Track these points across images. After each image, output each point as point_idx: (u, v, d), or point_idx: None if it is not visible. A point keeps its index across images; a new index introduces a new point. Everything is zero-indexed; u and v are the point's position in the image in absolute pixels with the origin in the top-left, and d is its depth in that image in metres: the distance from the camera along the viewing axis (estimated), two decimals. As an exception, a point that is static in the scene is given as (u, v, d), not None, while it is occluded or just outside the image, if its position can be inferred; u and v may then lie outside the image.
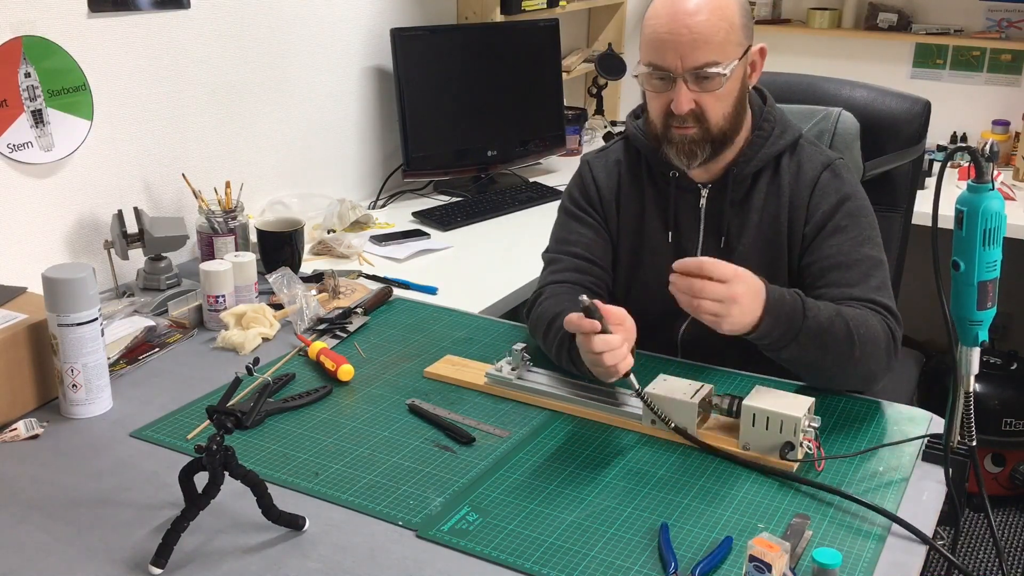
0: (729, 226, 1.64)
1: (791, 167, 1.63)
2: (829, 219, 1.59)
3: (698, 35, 1.50)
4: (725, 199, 1.63)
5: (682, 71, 1.51)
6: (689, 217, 1.67)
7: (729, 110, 1.56)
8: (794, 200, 1.62)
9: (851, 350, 1.44)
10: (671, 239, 1.68)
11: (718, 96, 1.54)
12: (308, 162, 2.48)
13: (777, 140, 1.63)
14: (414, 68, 2.59)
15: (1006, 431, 2.81)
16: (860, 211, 1.60)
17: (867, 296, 1.52)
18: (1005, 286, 1.27)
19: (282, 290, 1.81)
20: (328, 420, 1.45)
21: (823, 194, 1.60)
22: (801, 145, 1.65)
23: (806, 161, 1.63)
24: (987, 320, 1.21)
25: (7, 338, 1.43)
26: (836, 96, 1.89)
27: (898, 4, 3.36)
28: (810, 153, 1.64)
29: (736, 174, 1.63)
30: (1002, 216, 1.17)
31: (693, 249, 1.67)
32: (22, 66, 1.77)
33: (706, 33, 1.50)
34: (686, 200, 1.67)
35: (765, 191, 1.63)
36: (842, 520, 1.22)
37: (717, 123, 1.55)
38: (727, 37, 1.52)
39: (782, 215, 1.62)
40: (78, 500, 1.25)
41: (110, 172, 1.99)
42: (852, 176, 1.64)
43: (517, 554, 1.15)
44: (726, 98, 1.55)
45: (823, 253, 1.58)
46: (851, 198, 1.60)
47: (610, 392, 1.49)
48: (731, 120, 1.57)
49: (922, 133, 1.86)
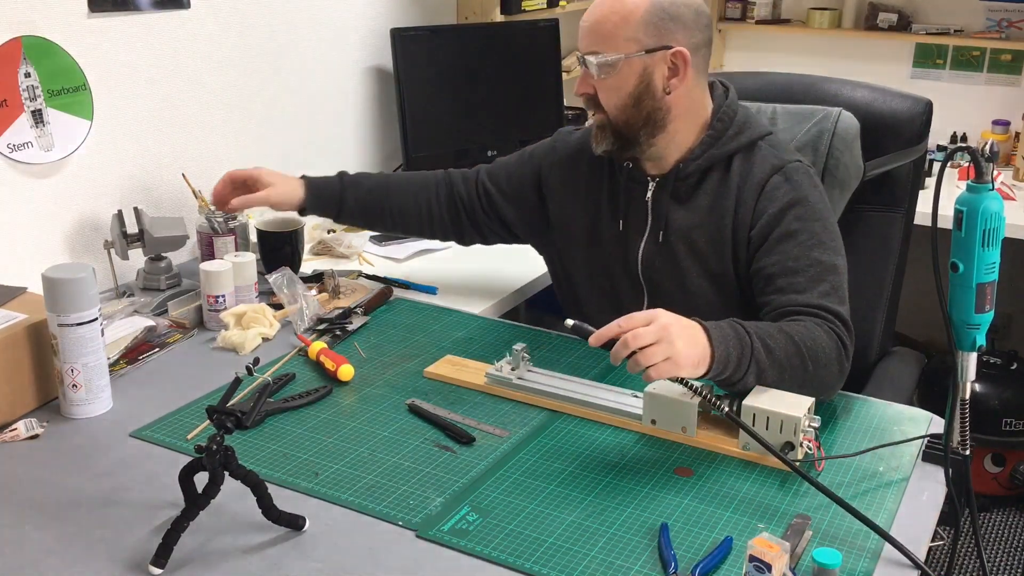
0: (669, 221, 1.65)
1: (742, 168, 1.62)
2: (777, 224, 1.56)
3: (591, 23, 1.58)
4: (667, 192, 1.65)
5: (581, 56, 1.60)
6: (637, 208, 1.68)
7: (622, 103, 1.59)
8: (740, 202, 1.60)
9: (803, 363, 1.40)
10: (621, 228, 1.70)
11: (607, 86, 1.58)
12: (308, 162, 2.48)
13: (730, 140, 1.62)
14: (414, 68, 2.59)
15: (1006, 431, 2.81)
16: (811, 215, 1.57)
17: (814, 303, 1.48)
18: (1004, 286, 1.27)
19: (282, 290, 1.81)
20: (328, 420, 1.46)
21: (770, 198, 1.58)
22: (759, 147, 1.63)
23: (758, 163, 1.61)
24: (985, 324, 1.20)
25: (7, 338, 1.43)
26: (836, 96, 1.89)
27: (898, 4, 3.36)
28: (765, 155, 1.62)
29: (682, 170, 1.63)
30: (1001, 217, 1.17)
31: (638, 242, 1.69)
32: (22, 66, 1.78)
33: (596, 23, 1.57)
34: (635, 191, 1.68)
35: (713, 191, 1.63)
36: (842, 520, 1.22)
37: (612, 113, 1.60)
38: (615, 30, 1.55)
39: (727, 216, 1.61)
40: (78, 500, 1.25)
41: (110, 172, 1.99)
42: (808, 180, 1.61)
43: (517, 554, 1.15)
44: (618, 91, 1.58)
45: (771, 259, 1.55)
46: (801, 202, 1.57)
47: (610, 392, 1.49)
48: (627, 114, 1.59)
49: (923, 133, 1.86)
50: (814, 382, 1.42)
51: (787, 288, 1.52)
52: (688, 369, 1.30)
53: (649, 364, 1.27)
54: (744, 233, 1.60)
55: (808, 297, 1.49)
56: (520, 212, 1.83)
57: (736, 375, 1.36)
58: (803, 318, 1.46)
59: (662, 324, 1.29)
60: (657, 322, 1.30)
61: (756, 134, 1.64)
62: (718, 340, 1.34)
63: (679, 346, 1.29)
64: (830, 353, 1.43)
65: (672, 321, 1.31)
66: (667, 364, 1.28)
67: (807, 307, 1.48)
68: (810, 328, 1.44)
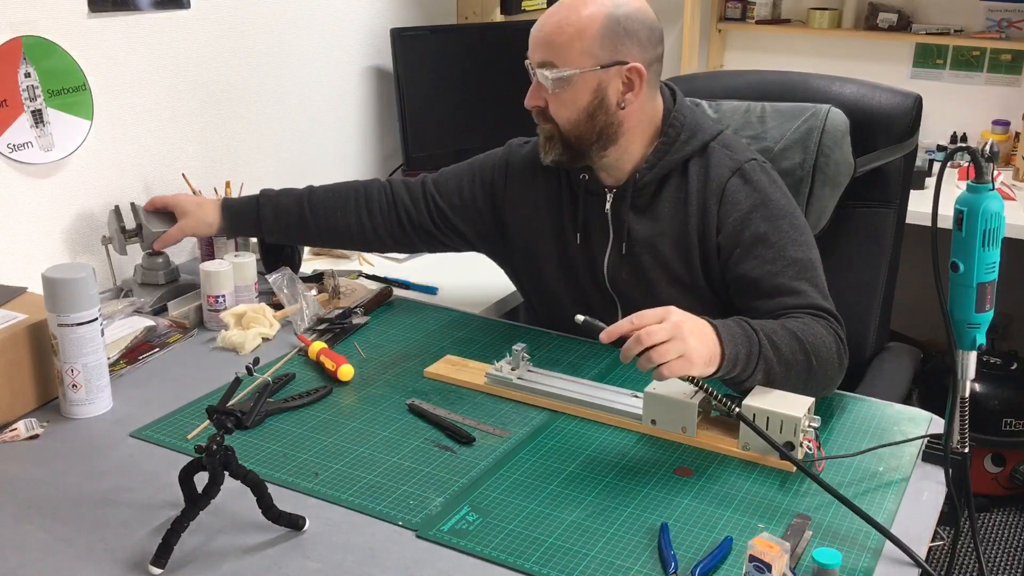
0: (630, 232, 1.63)
1: (699, 173, 1.60)
2: (744, 228, 1.56)
3: (542, 35, 1.55)
4: (626, 203, 1.63)
5: (531, 66, 1.58)
6: (597, 221, 1.67)
7: (575, 117, 1.56)
8: (703, 208, 1.59)
9: (807, 360, 1.41)
10: (579, 241, 1.68)
11: (560, 99, 1.56)
12: (308, 162, 2.48)
13: (683, 146, 1.61)
14: (414, 68, 2.59)
15: (1006, 431, 2.81)
16: (777, 213, 1.56)
17: (803, 303, 1.48)
18: (1004, 286, 1.27)
19: (282, 290, 1.81)
20: (328, 420, 1.46)
21: (732, 202, 1.57)
22: (712, 148, 1.62)
23: (714, 166, 1.60)
24: (985, 323, 1.20)
25: (7, 338, 1.43)
26: (826, 93, 1.88)
27: (898, 4, 3.36)
28: (719, 157, 1.61)
29: (638, 180, 1.62)
30: (1001, 217, 1.17)
31: (602, 254, 1.67)
32: (22, 66, 1.78)
33: (548, 34, 1.54)
34: (593, 203, 1.67)
35: (672, 198, 1.62)
36: (842, 520, 1.22)
37: (564, 127, 1.58)
38: (570, 43, 1.52)
39: (691, 223, 1.60)
40: (78, 500, 1.25)
41: (110, 172, 1.99)
42: (767, 177, 1.60)
43: (517, 554, 1.15)
44: (570, 105, 1.56)
45: (748, 264, 1.54)
46: (764, 203, 1.56)
47: (610, 392, 1.49)
48: (579, 128, 1.57)
49: (914, 128, 1.85)
50: (818, 378, 1.43)
51: (773, 292, 1.51)
52: (700, 367, 1.30)
53: (662, 361, 1.26)
54: (711, 239, 1.59)
55: (796, 298, 1.49)
56: (476, 227, 1.79)
57: (744, 373, 1.36)
58: (795, 321, 1.46)
59: (675, 321, 1.29)
60: (669, 319, 1.29)
61: (708, 136, 1.62)
62: (728, 338, 1.34)
63: (692, 343, 1.28)
64: (831, 348, 1.44)
65: (685, 318, 1.30)
66: (680, 362, 1.27)
67: (798, 308, 1.48)
68: (810, 324, 1.44)
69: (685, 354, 1.27)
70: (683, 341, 1.28)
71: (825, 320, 1.47)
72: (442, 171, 1.84)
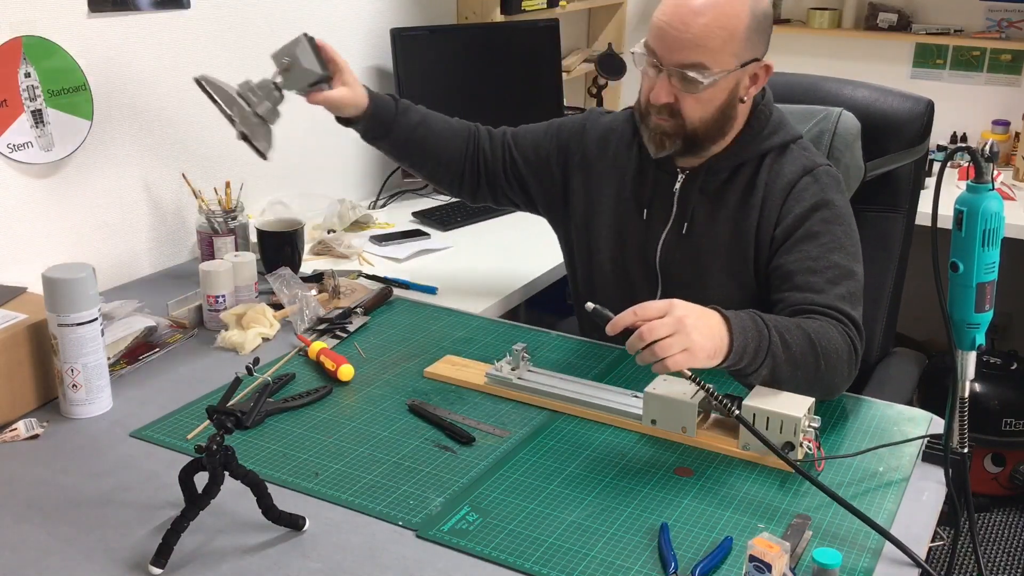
0: (695, 214, 1.64)
1: (773, 168, 1.61)
2: (801, 224, 1.56)
3: (692, 35, 1.49)
4: (696, 185, 1.64)
5: (667, 64, 1.52)
6: (663, 199, 1.67)
7: (708, 115, 1.55)
8: (767, 200, 1.60)
9: (816, 361, 1.40)
10: (645, 217, 1.69)
11: (698, 99, 1.53)
12: (308, 162, 2.48)
13: (764, 140, 1.62)
14: (414, 68, 2.59)
15: (1006, 431, 2.82)
16: (836, 219, 1.57)
17: (830, 304, 1.48)
18: (1004, 286, 1.27)
19: (282, 290, 1.81)
20: (328, 420, 1.46)
21: (798, 198, 1.58)
22: (791, 149, 1.63)
23: (788, 164, 1.61)
24: (984, 323, 1.20)
25: (7, 338, 1.43)
26: (838, 96, 1.89)
27: (898, 4, 3.36)
28: (795, 156, 1.62)
29: (713, 165, 1.63)
30: (1001, 217, 1.17)
31: (661, 231, 1.67)
32: (22, 66, 1.77)
33: (700, 36, 1.49)
34: (663, 182, 1.67)
35: (742, 187, 1.62)
36: (842, 520, 1.22)
37: (692, 123, 1.56)
38: (722, 46, 1.50)
39: (752, 214, 1.61)
40: (78, 500, 1.25)
41: (110, 172, 1.99)
42: (835, 184, 1.61)
43: (517, 554, 1.15)
44: (707, 103, 1.54)
45: (791, 257, 1.55)
46: (827, 205, 1.57)
47: (610, 392, 1.49)
48: (709, 125, 1.56)
49: (925, 133, 1.85)
50: (823, 382, 1.42)
51: (804, 287, 1.51)
52: (703, 361, 1.30)
53: (665, 355, 1.27)
54: (768, 231, 1.59)
55: (824, 297, 1.49)
56: (542, 185, 1.81)
57: (751, 367, 1.36)
58: (818, 317, 1.46)
59: (677, 316, 1.29)
60: (672, 314, 1.29)
61: (789, 136, 1.64)
62: (737, 330, 1.34)
63: (695, 337, 1.28)
64: (841, 355, 1.43)
65: (687, 312, 1.30)
66: (683, 355, 1.27)
67: (823, 307, 1.47)
68: (825, 327, 1.44)
69: (688, 348, 1.28)
70: (686, 335, 1.28)
71: (844, 327, 1.46)
72: (522, 126, 1.85)
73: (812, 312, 1.47)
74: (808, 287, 1.51)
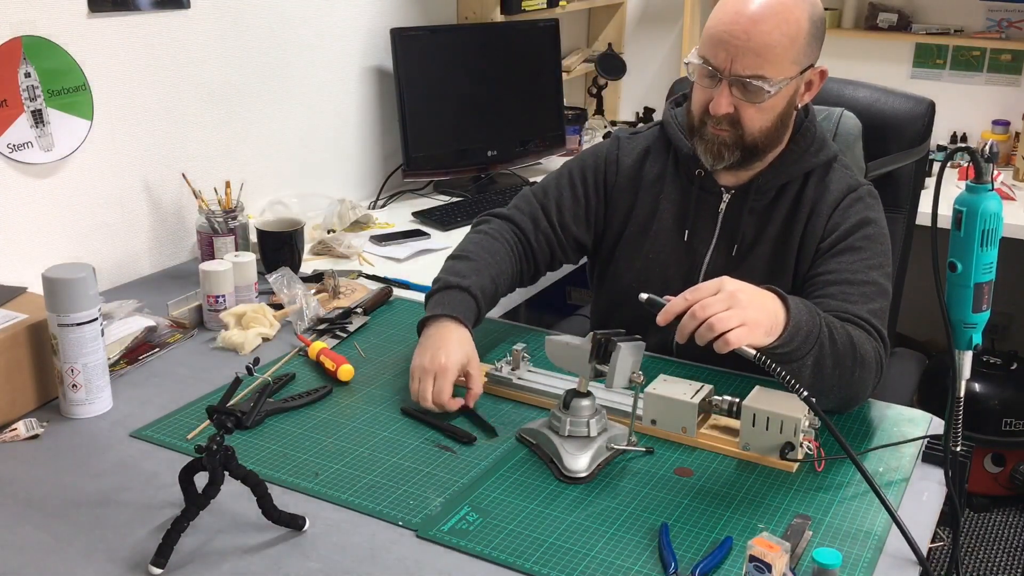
0: (744, 234, 1.63)
1: (819, 186, 1.60)
2: (846, 237, 1.56)
3: (754, 44, 1.46)
4: (745, 206, 1.62)
5: (728, 74, 1.49)
6: (706, 220, 1.65)
7: (768, 124, 1.53)
8: (814, 216, 1.59)
9: (852, 365, 1.39)
10: (686, 238, 1.66)
11: (760, 108, 1.51)
12: (308, 162, 2.48)
13: (811, 157, 1.61)
14: (414, 68, 2.59)
15: (1006, 431, 2.81)
16: (878, 237, 1.57)
17: (864, 316, 1.47)
18: (1004, 286, 1.27)
19: (282, 290, 1.81)
20: (328, 420, 1.46)
21: (844, 214, 1.57)
22: (834, 168, 1.62)
23: (834, 182, 1.60)
24: (981, 323, 1.20)
25: (7, 338, 1.43)
26: (839, 96, 1.89)
27: (898, 4, 3.36)
28: (840, 175, 1.62)
29: (761, 184, 1.61)
30: (1000, 217, 1.17)
31: (704, 252, 1.65)
32: (22, 66, 1.77)
33: (762, 44, 1.46)
34: (706, 202, 1.65)
35: (788, 205, 1.61)
36: (842, 520, 1.22)
37: (752, 134, 1.53)
38: (784, 54, 1.47)
39: (797, 229, 1.60)
40: (78, 500, 1.25)
41: (110, 172, 1.99)
42: (878, 204, 1.61)
43: (517, 554, 1.15)
44: (768, 112, 1.52)
45: (829, 267, 1.54)
46: (871, 223, 1.57)
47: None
48: (768, 134, 1.54)
49: (926, 133, 1.85)
50: (853, 388, 1.41)
51: (839, 296, 1.50)
52: (761, 336, 1.27)
53: (724, 329, 1.22)
54: (812, 244, 1.58)
55: (859, 308, 1.47)
56: (594, 234, 1.75)
57: (799, 352, 1.33)
58: (851, 327, 1.44)
59: (730, 292, 1.26)
60: (725, 290, 1.26)
61: (832, 154, 1.63)
62: (795, 310, 1.32)
63: (751, 312, 1.26)
64: (872, 366, 1.42)
65: (740, 287, 1.28)
66: (742, 330, 1.24)
67: (857, 317, 1.46)
68: (861, 336, 1.43)
69: (746, 322, 1.24)
70: (742, 309, 1.25)
71: (875, 340, 1.45)
72: (547, 198, 1.73)
73: (846, 321, 1.45)
74: (844, 297, 1.49)
